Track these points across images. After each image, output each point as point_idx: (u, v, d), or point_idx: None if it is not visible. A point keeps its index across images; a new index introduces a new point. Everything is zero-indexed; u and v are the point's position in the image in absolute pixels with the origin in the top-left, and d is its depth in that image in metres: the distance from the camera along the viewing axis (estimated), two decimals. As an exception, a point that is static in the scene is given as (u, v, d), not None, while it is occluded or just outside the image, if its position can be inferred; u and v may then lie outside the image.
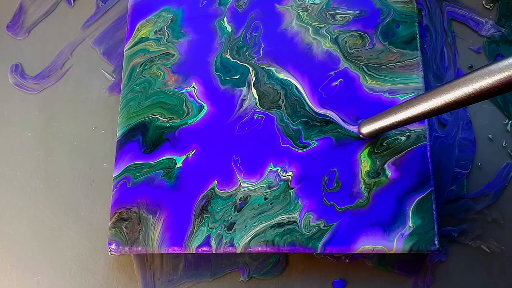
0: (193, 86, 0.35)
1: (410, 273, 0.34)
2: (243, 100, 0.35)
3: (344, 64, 0.36)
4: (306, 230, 0.32)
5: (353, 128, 0.34)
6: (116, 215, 0.32)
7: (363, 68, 0.36)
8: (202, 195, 0.33)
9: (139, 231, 0.32)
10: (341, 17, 0.37)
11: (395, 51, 0.36)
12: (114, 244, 0.32)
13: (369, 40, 0.36)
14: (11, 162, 0.36)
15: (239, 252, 0.32)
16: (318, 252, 0.32)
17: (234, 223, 0.32)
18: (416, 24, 0.37)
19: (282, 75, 0.36)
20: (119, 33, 0.39)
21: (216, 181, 0.33)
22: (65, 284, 0.33)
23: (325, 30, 0.36)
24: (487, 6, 0.39)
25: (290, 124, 0.35)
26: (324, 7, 0.37)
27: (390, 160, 0.34)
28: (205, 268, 0.34)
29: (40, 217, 0.35)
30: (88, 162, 0.36)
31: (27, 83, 0.38)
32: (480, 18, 0.39)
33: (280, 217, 0.33)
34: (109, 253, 0.32)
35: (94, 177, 0.35)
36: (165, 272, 0.34)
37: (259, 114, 0.35)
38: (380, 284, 0.34)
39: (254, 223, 0.32)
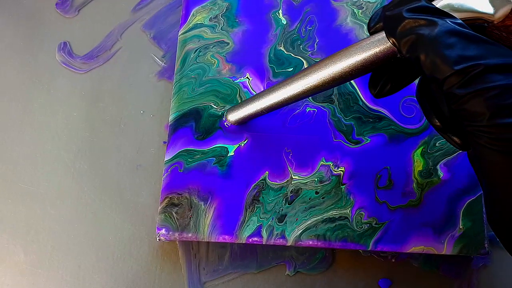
0: (247, 77, 0.35)
1: (454, 275, 0.34)
2: (296, 93, 0.35)
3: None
4: (358, 227, 0.32)
5: (407, 126, 0.34)
6: (167, 200, 0.32)
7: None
8: (253, 185, 0.32)
9: (190, 217, 0.31)
10: (395, 16, 0.37)
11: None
12: (163, 230, 0.31)
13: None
14: (56, 142, 0.35)
15: (289, 245, 0.31)
16: (369, 249, 0.32)
17: (285, 215, 0.32)
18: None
19: (336, 70, 0.35)
20: (170, 18, 0.38)
21: (267, 172, 0.33)
22: (107, 268, 0.33)
23: (380, 29, 0.36)
24: None
25: (342, 119, 0.34)
26: (379, 6, 0.37)
27: (442, 161, 0.34)
28: (251, 259, 0.33)
29: (83, 199, 0.34)
30: (135, 146, 0.35)
31: (74, 62, 0.37)
32: None
33: (331, 212, 0.32)
34: (157, 238, 0.31)
35: (140, 161, 0.35)
36: (211, 261, 0.33)
37: (311, 108, 0.35)
38: (425, 285, 0.34)
39: (305, 216, 0.32)
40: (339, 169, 0.33)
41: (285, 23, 0.37)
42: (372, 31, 0.24)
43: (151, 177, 0.34)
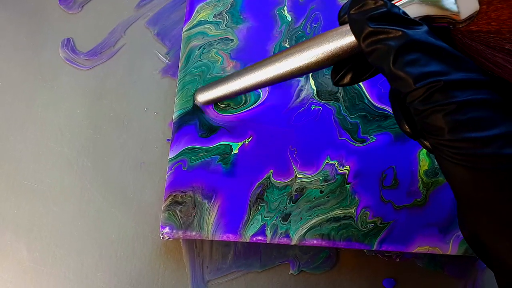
0: (252, 73, 0.35)
1: (459, 276, 0.34)
2: (301, 90, 0.35)
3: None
4: (363, 226, 0.32)
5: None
6: (171, 198, 0.31)
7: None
8: (258, 184, 0.32)
9: (194, 216, 0.31)
10: (402, 14, 0.36)
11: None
12: (167, 228, 0.31)
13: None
14: (59, 139, 0.35)
15: (293, 244, 0.31)
16: (374, 249, 0.31)
17: (290, 214, 0.32)
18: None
19: (342, 68, 0.35)
20: (174, 15, 0.38)
21: (272, 170, 0.33)
22: (110, 266, 0.32)
23: (386, 26, 0.36)
24: None
25: (348, 117, 0.34)
26: (385, 3, 0.37)
27: (448, 161, 0.33)
28: (254, 258, 0.33)
29: (86, 196, 0.34)
30: (139, 143, 0.35)
31: (78, 58, 0.37)
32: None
33: (336, 211, 0.32)
34: (161, 236, 0.31)
35: (144, 159, 0.35)
36: (214, 260, 0.33)
37: (316, 106, 0.34)
38: (429, 285, 0.33)
39: (310, 215, 0.32)
40: (344, 168, 0.33)
41: (290, 20, 0.36)
42: (341, 21, 0.24)
43: (155, 175, 0.34)
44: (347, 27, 0.23)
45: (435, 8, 0.22)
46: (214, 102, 0.33)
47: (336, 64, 0.25)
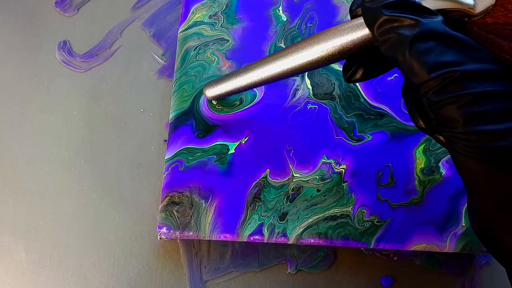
0: (248, 73, 0.35)
1: (457, 273, 0.34)
2: (296, 90, 0.35)
3: (400, 60, 0.35)
4: (360, 225, 0.32)
5: (409, 123, 0.34)
6: (168, 198, 0.32)
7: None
8: (254, 183, 0.32)
9: (191, 216, 0.31)
10: (397, 13, 0.37)
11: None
12: (164, 228, 0.31)
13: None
14: (56, 140, 0.35)
15: (291, 243, 0.31)
16: (371, 247, 0.31)
17: (287, 213, 0.32)
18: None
19: (337, 66, 0.35)
20: (170, 16, 0.38)
21: (268, 170, 0.33)
22: (108, 267, 0.32)
23: (382, 25, 0.36)
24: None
25: (344, 116, 0.34)
26: (380, 2, 0.37)
27: (444, 158, 0.33)
28: (252, 258, 0.33)
29: (84, 198, 0.34)
30: (136, 144, 0.35)
31: (74, 60, 0.37)
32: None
33: (333, 210, 0.32)
34: (158, 237, 0.31)
35: (141, 160, 0.35)
36: (212, 260, 0.33)
37: (312, 105, 0.34)
38: (427, 283, 0.33)
39: (307, 214, 0.32)
40: (341, 167, 0.33)
41: (285, 20, 0.36)
42: (353, 15, 0.23)
43: (152, 176, 0.34)
44: (358, 20, 0.22)
45: (451, 2, 0.21)
46: (223, 97, 0.33)
47: (347, 60, 0.25)
